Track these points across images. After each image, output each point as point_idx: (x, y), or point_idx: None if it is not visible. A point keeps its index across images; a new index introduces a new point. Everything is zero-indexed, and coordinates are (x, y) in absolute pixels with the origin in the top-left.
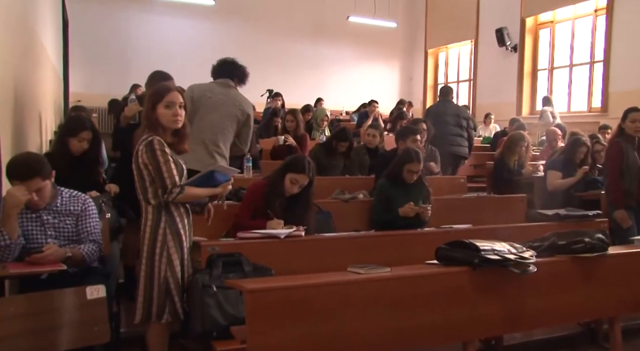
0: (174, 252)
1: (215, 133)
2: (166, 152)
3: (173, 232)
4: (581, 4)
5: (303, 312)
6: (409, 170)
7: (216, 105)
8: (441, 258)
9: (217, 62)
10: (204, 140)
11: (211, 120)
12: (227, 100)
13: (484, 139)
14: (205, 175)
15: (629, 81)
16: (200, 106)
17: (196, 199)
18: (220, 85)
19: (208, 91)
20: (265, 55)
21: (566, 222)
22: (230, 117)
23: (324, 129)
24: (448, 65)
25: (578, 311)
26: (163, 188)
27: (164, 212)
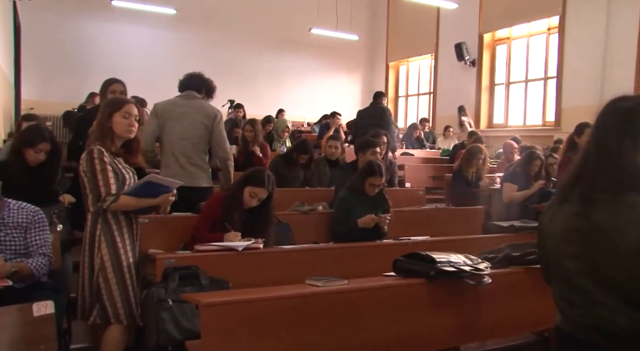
0: (107, 259)
1: (184, 145)
2: (104, 161)
3: (107, 239)
4: (535, 22)
5: (260, 326)
6: (370, 184)
7: (180, 117)
8: (398, 270)
9: (184, 76)
10: (175, 154)
11: (178, 133)
12: (189, 111)
13: (443, 151)
14: (142, 185)
15: (580, 97)
16: (165, 121)
17: (133, 208)
18: (184, 97)
19: (171, 105)
20: (227, 66)
21: (521, 233)
22: (195, 125)
23: (284, 140)
24: (409, 78)
25: (532, 321)
26: (97, 196)
27: (100, 220)
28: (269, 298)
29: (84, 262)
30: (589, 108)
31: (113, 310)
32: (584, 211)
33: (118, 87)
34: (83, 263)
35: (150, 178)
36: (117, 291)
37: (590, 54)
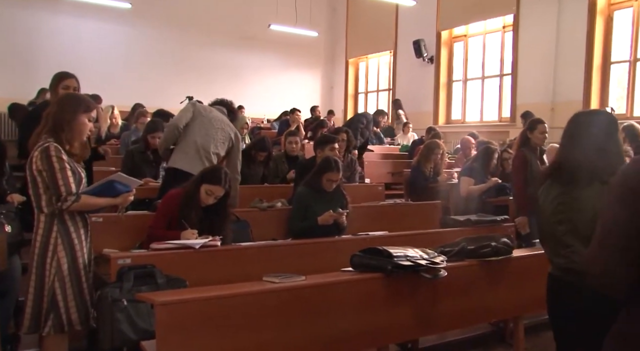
0: (64, 262)
1: (207, 141)
2: (62, 159)
3: (65, 242)
4: (491, 20)
5: (217, 324)
6: (328, 179)
7: (212, 119)
8: (356, 265)
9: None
10: (197, 143)
11: (206, 128)
12: (223, 120)
13: (402, 147)
14: (104, 184)
15: (533, 94)
16: (199, 116)
17: (93, 208)
18: (218, 109)
19: (206, 107)
20: (185, 62)
21: (477, 227)
22: (223, 132)
23: (243, 137)
24: (368, 75)
25: (487, 312)
26: (57, 196)
27: (57, 221)
28: (225, 296)
29: (34, 267)
30: (542, 105)
31: (67, 317)
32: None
33: (71, 83)
34: (31, 270)
35: (114, 177)
36: (71, 296)
37: (543, 52)
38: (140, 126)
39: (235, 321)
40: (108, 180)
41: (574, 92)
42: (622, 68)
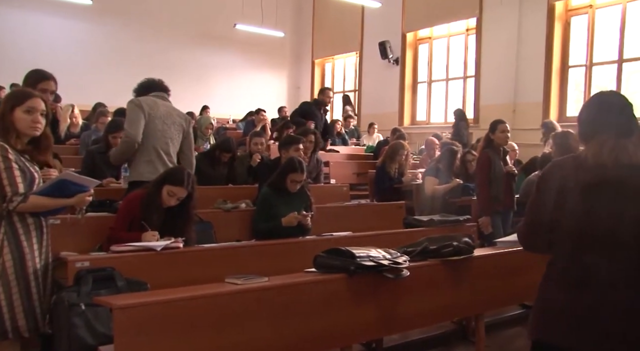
0: (9, 266)
1: (167, 143)
2: (9, 158)
3: (12, 244)
4: (454, 23)
5: (177, 327)
6: (292, 180)
7: (164, 117)
8: (319, 265)
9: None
10: (157, 150)
11: (162, 130)
12: (171, 111)
13: (367, 148)
14: (55, 183)
15: (496, 95)
16: (151, 119)
17: (43, 209)
18: (159, 97)
19: (152, 102)
20: (148, 60)
21: (440, 227)
22: (177, 126)
23: (208, 137)
24: (334, 76)
25: (449, 311)
26: (2, 196)
27: (5, 223)
28: (186, 298)
29: None
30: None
31: (13, 324)
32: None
33: (49, 85)
34: None
35: (65, 176)
36: (18, 301)
37: (505, 55)
38: (100, 126)
39: (196, 324)
40: (59, 180)
41: (534, 94)
42: (579, 72)
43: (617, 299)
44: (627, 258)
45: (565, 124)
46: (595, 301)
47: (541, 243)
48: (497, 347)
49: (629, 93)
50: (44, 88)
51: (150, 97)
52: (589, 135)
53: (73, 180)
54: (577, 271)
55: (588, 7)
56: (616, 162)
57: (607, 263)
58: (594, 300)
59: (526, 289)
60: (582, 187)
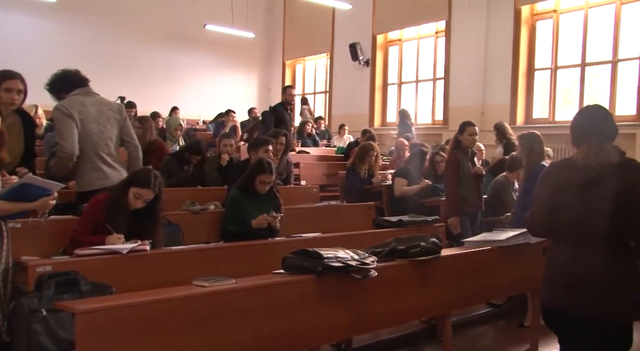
0: None
1: (107, 145)
2: None
3: None
4: (424, 26)
5: (143, 332)
6: (261, 181)
7: (97, 117)
8: (287, 267)
9: (59, 76)
10: (100, 155)
11: (99, 132)
12: (102, 108)
13: (338, 149)
14: (16, 188)
15: (465, 97)
16: (83, 123)
17: (4, 214)
18: (85, 95)
19: (79, 105)
20: (116, 60)
21: (409, 227)
22: (112, 122)
23: (177, 139)
24: (305, 77)
25: (417, 310)
26: None
27: None
28: (151, 302)
29: None
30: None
31: None
32: None
33: (15, 84)
34: None
35: (27, 180)
36: None
37: (473, 57)
38: None
39: (162, 329)
40: (20, 184)
41: (502, 96)
42: (545, 74)
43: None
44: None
45: (532, 126)
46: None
47: (541, 229)
48: (465, 346)
49: (592, 96)
50: (9, 88)
51: (76, 97)
52: (579, 141)
53: (35, 183)
54: (568, 253)
55: (553, 11)
56: (599, 163)
57: (590, 246)
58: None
59: (493, 288)
60: (573, 185)
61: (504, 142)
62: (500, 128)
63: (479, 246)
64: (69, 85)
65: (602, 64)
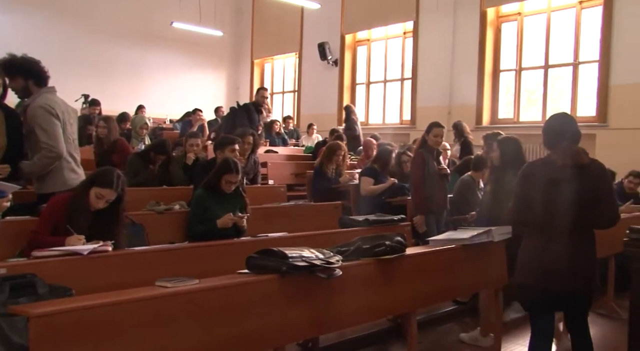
0: None
1: (77, 146)
2: None
3: None
4: (392, 26)
5: (102, 335)
6: (226, 181)
7: (70, 116)
8: (251, 267)
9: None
10: (73, 156)
11: (71, 132)
12: (68, 108)
13: (306, 149)
14: None
15: (432, 97)
16: (65, 124)
17: None
18: (53, 93)
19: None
20: (79, 57)
21: (374, 226)
22: (74, 123)
23: (143, 138)
24: (274, 76)
25: (383, 309)
26: None
27: None
28: (110, 303)
29: None
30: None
31: None
32: None
33: None
34: None
35: None
36: None
37: (440, 58)
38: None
39: (122, 331)
40: None
41: (468, 97)
42: (510, 76)
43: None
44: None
45: (497, 126)
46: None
47: (521, 220)
48: (430, 343)
49: (554, 97)
50: None
51: (51, 95)
52: (552, 143)
53: None
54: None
55: (517, 14)
56: (575, 164)
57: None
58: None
59: (458, 286)
60: (553, 182)
61: (461, 141)
62: (458, 127)
63: (444, 245)
64: (40, 78)
65: (564, 66)
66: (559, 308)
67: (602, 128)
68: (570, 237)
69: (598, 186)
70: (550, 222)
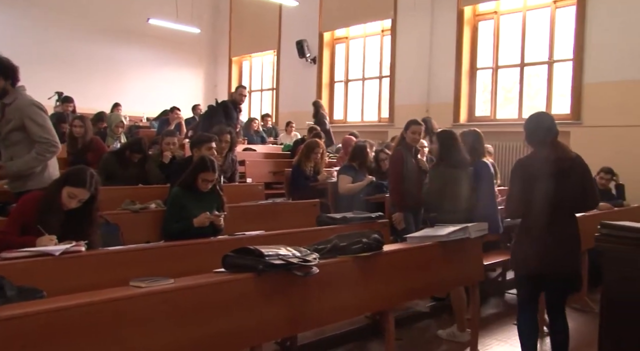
0: None
1: None
2: None
3: None
4: (370, 24)
5: (73, 338)
6: (203, 179)
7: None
8: (227, 265)
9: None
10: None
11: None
12: None
13: (284, 146)
14: None
15: (410, 95)
16: None
17: None
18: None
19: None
20: (54, 54)
21: (352, 224)
22: None
23: (119, 136)
24: (252, 74)
25: (360, 306)
26: None
27: None
28: (84, 304)
29: None
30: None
31: None
32: None
33: None
34: None
35: None
36: None
37: (418, 56)
38: None
39: (96, 332)
40: None
41: (446, 95)
42: (487, 74)
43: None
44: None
45: (474, 124)
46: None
47: (517, 212)
48: (409, 340)
49: (530, 95)
50: None
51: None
52: (534, 140)
53: None
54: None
55: (493, 13)
56: (568, 157)
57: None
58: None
59: (435, 283)
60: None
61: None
62: (428, 124)
63: (421, 242)
64: (16, 77)
65: (540, 65)
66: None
67: (576, 126)
68: (565, 223)
69: (585, 176)
70: (550, 212)
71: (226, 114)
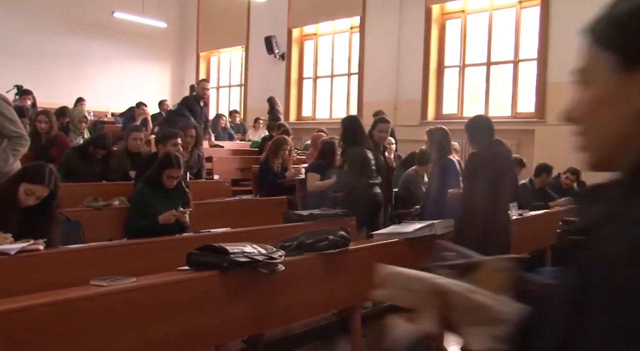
0: None
1: None
2: None
3: None
4: (339, 21)
5: (30, 340)
6: (168, 176)
7: None
8: (192, 263)
9: None
10: None
11: None
12: None
13: (252, 143)
14: None
15: (378, 93)
16: None
17: None
18: None
19: None
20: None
21: (319, 221)
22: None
23: (82, 131)
24: (220, 70)
25: (326, 303)
26: None
27: None
28: (42, 304)
29: None
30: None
31: None
32: None
33: None
34: None
35: None
36: None
37: (387, 54)
38: None
39: (55, 333)
40: None
41: (413, 93)
42: (454, 72)
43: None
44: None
45: (441, 121)
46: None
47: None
48: (375, 336)
49: (496, 93)
50: None
51: None
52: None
53: None
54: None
55: (461, 11)
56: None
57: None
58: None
59: None
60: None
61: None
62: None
63: (387, 238)
64: None
65: (505, 64)
66: None
67: (541, 125)
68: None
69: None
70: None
71: (190, 110)
